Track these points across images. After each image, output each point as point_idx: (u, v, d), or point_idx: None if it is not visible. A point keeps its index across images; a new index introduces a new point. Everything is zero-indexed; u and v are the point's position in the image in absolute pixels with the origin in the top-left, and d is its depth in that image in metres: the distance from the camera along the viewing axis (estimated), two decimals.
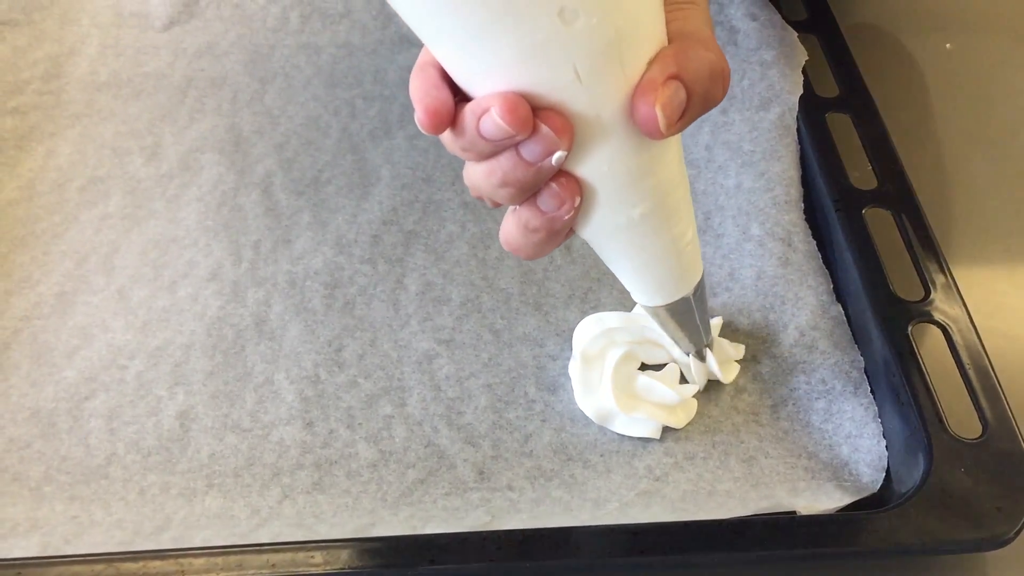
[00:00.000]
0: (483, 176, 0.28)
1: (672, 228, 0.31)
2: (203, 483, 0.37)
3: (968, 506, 0.33)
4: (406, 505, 0.36)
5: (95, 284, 0.43)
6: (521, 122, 0.25)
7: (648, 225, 0.30)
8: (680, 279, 0.33)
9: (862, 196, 0.43)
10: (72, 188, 0.48)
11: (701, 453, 0.37)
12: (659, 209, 0.29)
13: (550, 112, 0.26)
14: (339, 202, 0.47)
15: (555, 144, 0.26)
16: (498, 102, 0.25)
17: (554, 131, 0.26)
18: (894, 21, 0.58)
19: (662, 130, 0.26)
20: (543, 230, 0.29)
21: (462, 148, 0.27)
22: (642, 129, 0.26)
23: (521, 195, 0.28)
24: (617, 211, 0.29)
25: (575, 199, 0.28)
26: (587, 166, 0.28)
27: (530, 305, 0.43)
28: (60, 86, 0.52)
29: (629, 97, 0.26)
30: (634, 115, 0.26)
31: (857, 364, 0.39)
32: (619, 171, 0.28)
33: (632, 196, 0.29)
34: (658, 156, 0.28)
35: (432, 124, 0.26)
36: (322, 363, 0.41)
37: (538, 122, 0.26)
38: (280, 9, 0.56)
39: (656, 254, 0.31)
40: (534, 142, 0.26)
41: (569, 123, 0.26)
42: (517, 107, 0.25)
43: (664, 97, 0.26)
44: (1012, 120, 0.52)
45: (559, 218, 0.28)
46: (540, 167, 0.27)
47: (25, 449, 0.38)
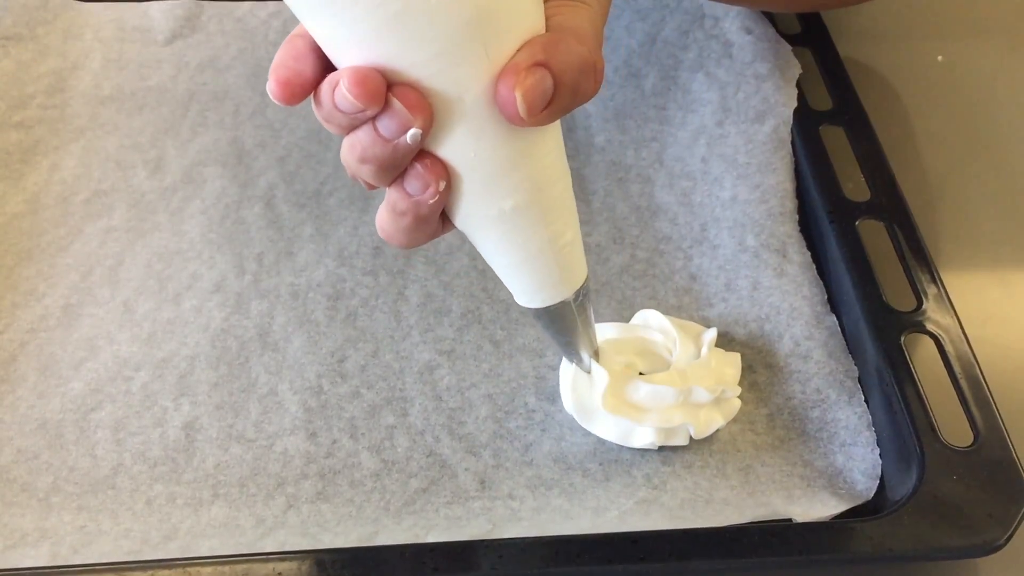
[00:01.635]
0: (347, 151, 0.27)
1: (548, 226, 0.30)
2: (209, 493, 0.37)
3: (960, 513, 0.33)
4: (409, 514, 0.37)
5: (100, 296, 0.44)
6: (369, 95, 0.25)
7: (522, 220, 0.29)
8: (559, 282, 0.32)
9: (855, 208, 0.44)
10: (77, 201, 0.48)
11: (698, 462, 0.38)
12: (533, 204, 0.29)
13: (404, 87, 0.25)
14: (341, 214, 0.48)
15: (408, 120, 0.26)
16: (348, 75, 0.25)
17: (407, 107, 0.25)
18: (887, 35, 0.59)
19: (522, 116, 0.26)
20: (410, 214, 0.28)
21: (324, 119, 0.27)
22: (503, 114, 0.26)
23: (383, 173, 0.28)
24: (487, 202, 0.29)
25: (439, 182, 0.28)
26: (452, 151, 0.27)
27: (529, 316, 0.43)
28: (64, 100, 0.53)
29: (494, 81, 0.26)
30: (496, 99, 0.26)
31: (851, 374, 0.40)
32: (486, 159, 0.27)
33: (501, 187, 0.28)
34: (529, 147, 0.28)
35: (282, 94, 0.26)
36: (325, 374, 0.41)
37: (391, 96, 0.25)
38: (281, 23, 0.57)
39: (531, 252, 0.31)
40: (388, 117, 0.26)
41: (424, 100, 0.26)
42: (366, 80, 0.25)
43: (527, 83, 0.25)
44: (1003, 132, 0.53)
45: (424, 202, 0.28)
46: (396, 144, 0.26)
47: (33, 460, 0.38)
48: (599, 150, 0.51)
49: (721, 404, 0.38)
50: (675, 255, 0.46)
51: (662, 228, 0.47)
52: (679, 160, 0.49)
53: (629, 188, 0.49)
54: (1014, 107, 0.55)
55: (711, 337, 0.40)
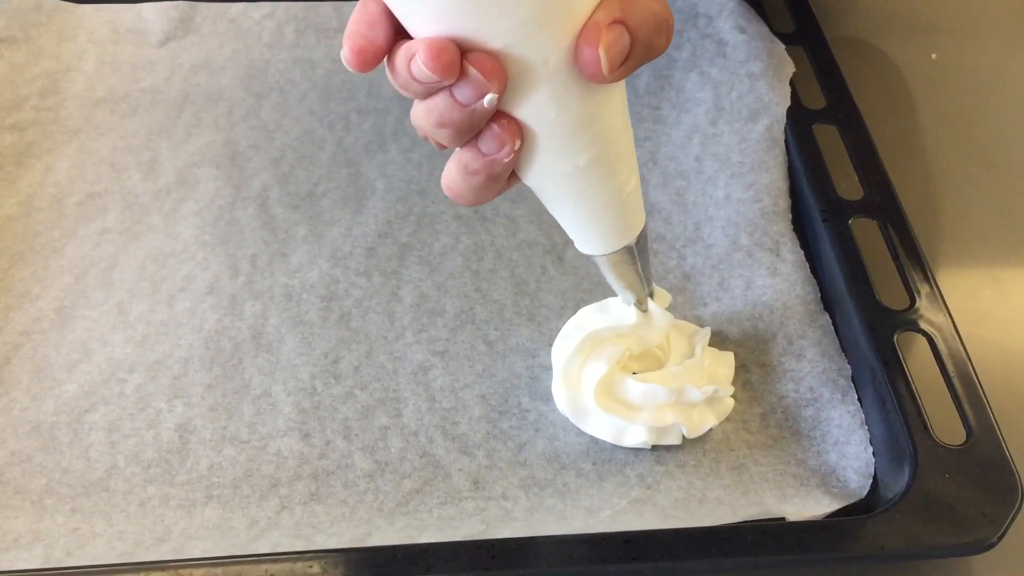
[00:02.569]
0: (422, 116, 0.28)
1: (616, 176, 0.31)
2: (202, 494, 0.37)
3: (953, 511, 0.34)
4: (402, 514, 0.37)
5: (94, 298, 0.44)
6: (445, 67, 0.25)
7: (593, 173, 0.30)
8: (624, 228, 0.33)
9: (849, 206, 0.44)
10: (70, 203, 0.48)
11: (692, 461, 0.38)
12: (604, 157, 0.30)
13: (480, 55, 0.26)
14: (334, 215, 0.48)
15: (485, 86, 0.26)
16: (423, 47, 0.25)
17: (484, 74, 0.26)
18: (880, 33, 0.59)
19: (604, 74, 0.26)
20: (483, 172, 0.29)
21: (400, 87, 0.27)
22: (584, 72, 0.26)
23: (459, 136, 0.28)
24: (562, 158, 0.29)
25: (515, 142, 0.28)
26: (531, 111, 0.27)
27: (523, 316, 0.43)
28: (58, 102, 0.53)
29: (574, 41, 0.26)
30: (578, 58, 0.26)
31: (844, 372, 0.40)
32: (565, 117, 0.28)
33: (578, 143, 0.29)
34: (603, 103, 0.28)
35: (357, 62, 0.27)
36: (319, 375, 0.41)
37: (467, 64, 0.25)
38: (275, 24, 0.57)
39: (600, 203, 0.31)
40: (464, 84, 0.26)
41: (500, 65, 0.26)
42: (441, 53, 0.25)
43: (608, 40, 0.26)
44: (996, 130, 0.53)
45: (499, 160, 0.28)
46: (473, 109, 0.26)
47: (26, 462, 0.38)
48: None
49: (714, 403, 0.38)
50: (669, 254, 0.46)
51: (656, 227, 0.47)
52: (673, 159, 0.49)
53: None
54: (1008, 105, 0.55)
55: (705, 337, 0.40)
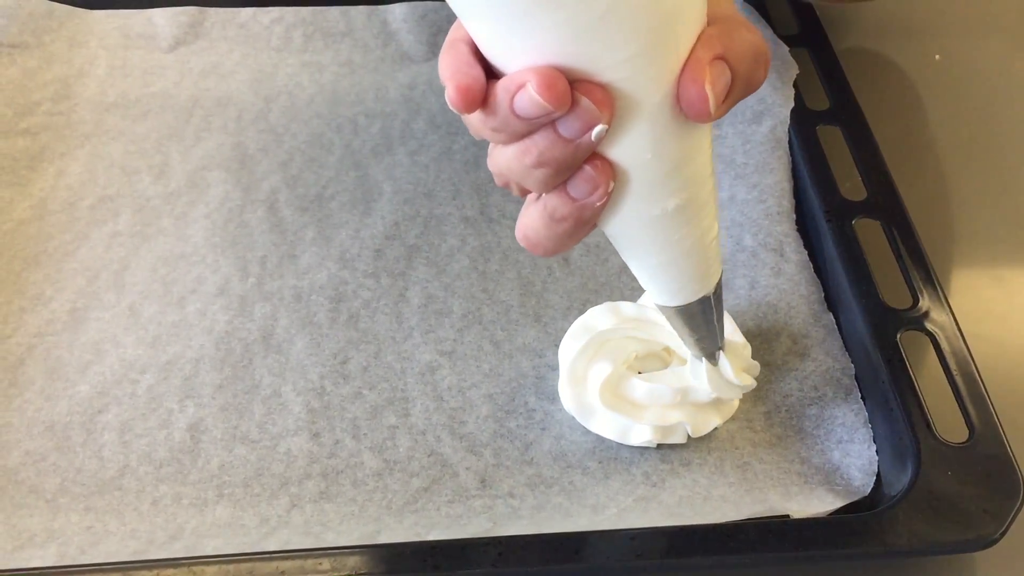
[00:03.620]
0: (515, 158, 0.26)
1: (702, 222, 0.29)
2: (214, 493, 0.38)
3: (955, 508, 0.34)
4: (410, 513, 0.37)
5: (106, 300, 0.45)
6: (559, 97, 0.24)
7: (681, 218, 0.28)
8: (704, 277, 0.32)
9: (852, 207, 0.44)
10: (83, 207, 0.49)
11: (696, 459, 0.38)
12: (692, 202, 0.28)
13: (589, 84, 0.24)
14: (343, 217, 0.48)
15: (596, 118, 0.25)
16: (534, 77, 0.24)
17: (595, 103, 0.24)
18: (883, 34, 0.59)
19: (711, 111, 0.25)
20: (571, 219, 0.27)
21: (493, 129, 0.26)
22: (689, 111, 0.25)
23: (556, 177, 0.26)
24: (652, 202, 0.28)
25: (609, 184, 0.27)
26: (627, 151, 0.26)
27: (530, 317, 0.44)
28: (70, 107, 0.54)
29: (676, 78, 0.25)
30: (681, 96, 0.25)
31: (848, 371, 0.40)
32: (661, 158, 0.26)
33: (669, 187, 0.27)
34: (697, 144, 0.27)
35: (464, 102, 0.25)
36: (328, 375, 0.42)
37: (577, 94, 0.24)
38: (283, 29, 0.58)
39: (685, 249, 0.30)
40: (573, 117, 0.25)
41: (610, 95, 0.24)
42: (555, 82, 0.24)
43: (712, 77, 0.25)
44: (1000, 131, 0.53)
45: (590, 205, 0.27)
46: (579, 144, 0.25)
47: (41, 462, 0.39)
48: None
49: (719, 403, 0.39)
50: None
51: None
52: None
53: None
54: (1011, 106, 0.55)
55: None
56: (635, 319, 0.40)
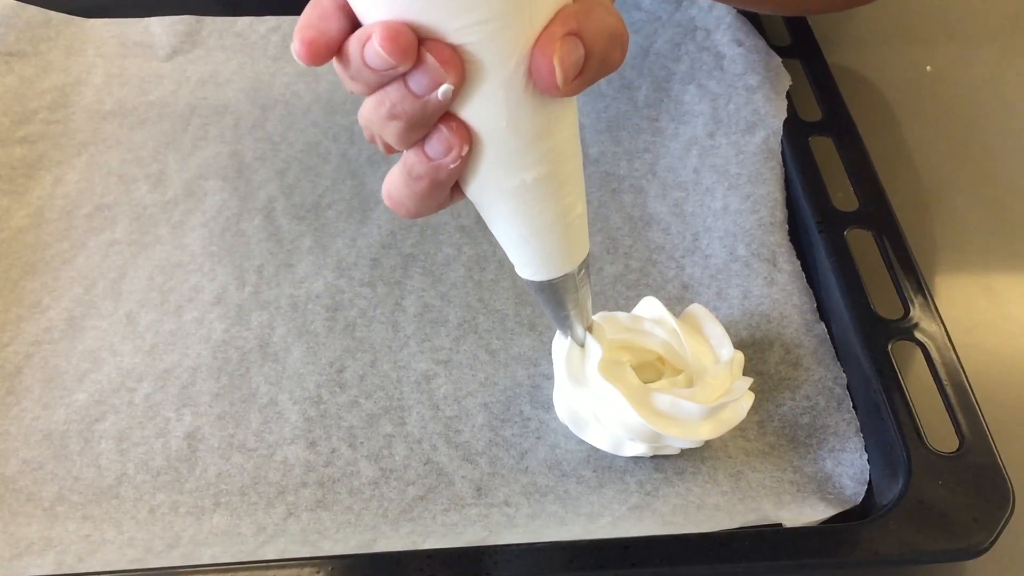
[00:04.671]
0: (372, 109, 0.27)
1: (563, 198, 0.30)
2: (211, 502, 0.38)
3: (946, 517, 0.34)
4: (407, 521, 0.37)
5: (104, 309, 0.45)
6: (402, 51, 0.25)
7: (539, 192, 0.29)
8: (566, 254, 0.32)
9: (844, 217, 0.45)
10: (80, 215, 0.49)
11: (690, 468, 0.39)
12: (552, 177, 0.29)
13: (437, 43, 0.25)
14: (339, 226, 0.49)
15: (441, 76, 0.25)
16: (379, 29, 0.25)
17: (440, 63, 0.25)
18: (875, 46, 0.59)
19: (559, 85, 0.26)
20: (427, 178, 0.28)
21: (351, 78, 0.27)
22: (539, 83, 0.26)
23: (410, 132, 0.27)
24: (509, 172, 0.28)
25: (463, 146, 0.27)
26: (482, 117, 0.27)
27: (525, 326, 0.44)
28: (67, 115, 0.54)
29: (530, 49, 0.26)
30: (532, 68, 0.26)
31: (840, 381, 0.40)
32: (516, 128, 0.27)
33: (526, 158, 0.28)
34: (556, 119, 0.28)
35: (307, 54, 0.26)
36: (324, 384, 0.42)
37: (424, 52, 0.25)
38: (280, 38, 0.58)
39: (545, 224, 0.30)
40: (420, 73, 0.25)
41: (457, 56, 0.25)
42: (398, 35, 0.24)
43: (562, 52, 0.25)
44: (990, 141, 0.54)
45: (444, 166, 0.28)
46: (427, 100, 0.26)
47: (38, 470, 0.39)
48: (593, 161, 0.51)
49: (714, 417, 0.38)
50: (668, 265, 0.46)
51: (655, 238, 0.48)
52: (671, 171, 0.50)
53: (622, 198, 0.50)
54: (1001, 117, 0.55)
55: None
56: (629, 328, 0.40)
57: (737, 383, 0.38)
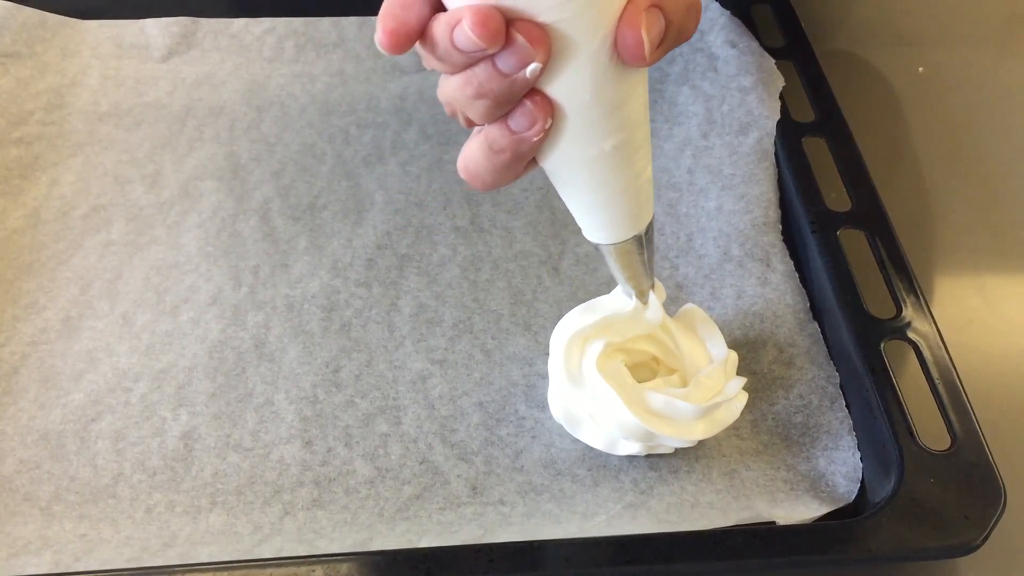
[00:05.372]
0: (458, 88, 0.27)
1: (636, 163, 0.31)
2: (207, 501, 0.38)
3: (938, 515, 0.35)
4: (402, 520, 0.38)
5: (100, 309, 0.45)
6: (492, 35, 0.25)
7: (616, 159, 0.30)
8: (636, 217, 0.33)
9: (837, 217, 0.45)
10: (76, 216, 0.49)
11: (684, 467, 0.39)
12: (628, 143, 0.30)
13: (525, 22, 0.26)
14: (335, 227, 0.49)
15: (530, 55, 0.26)
16: (469, 14, 0.25)
17: (529, 42, 0.26)
18: (868, 47, 0.60)
19: (645, 56, 0.26)
20: (509, 151, 0.29)
21: (437, 59, 0.27)
22: (625, 55, 0.26)
23: (496, 108, 0.28)
24: (589, 142, 0.29)
25: (547, 119, 0.28)
26: (565, 90, 0.27)
27: (520, 326, 0.44)
28: (63, 116, 0.54)
29: (614, 23, 0.26)
30: (619, 41, 0.26)
31: (833, 380, 0.41)
32: (599, 99, 0.28)
33: (606, 127, 0.29)
34: (634, 87, 0.28)
35: (390, 44, 0.26)
36: (320, 384, 0.42)
37: (513, 32, 0.25)
38: (275, 39, 0.58)
39: (618, 189, 0.31)
40: (508, 53, 0.26)
41: (545, 34, 0.26)
42: (488, 19, 0.25)
43: (648, 23, 0.26)
44: (981, 141, 0.54)
45: (528, 139, 0.28)
46: (515, 79, 0.26)
47: (35, 470, 0.39)
48: None
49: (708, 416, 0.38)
50: (662, 264, 0.47)
51: None
52: (665, 171, 0.50)
53: None
54: (992, 117, 0.56)
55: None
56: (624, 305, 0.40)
57: (731, 383, 0.39)
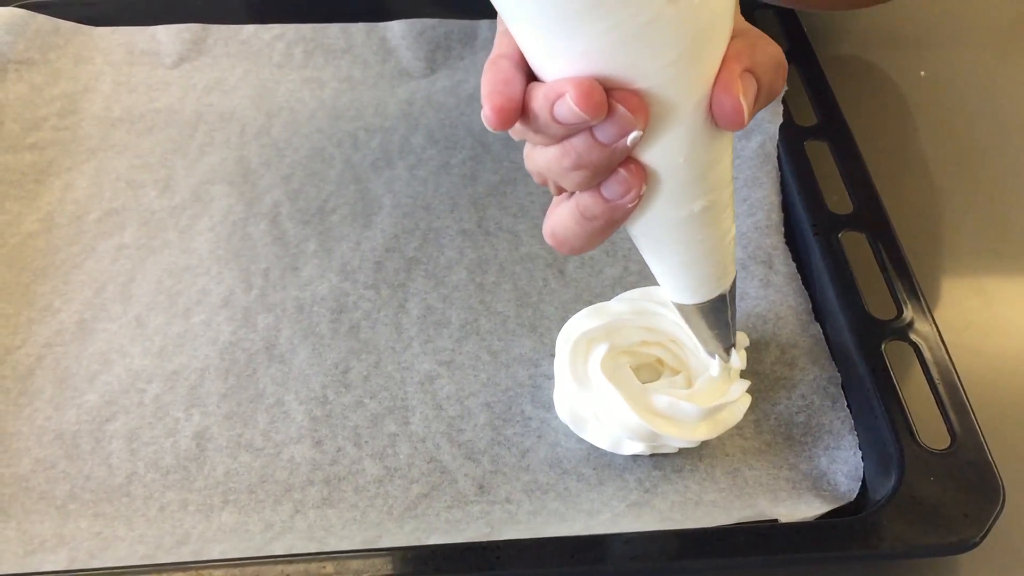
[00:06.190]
0: (554, 160, 0.27)
1: (722, 223, 0.31)
2: (219, 499, 0.39)
3: (938, 513, 0.35)
4: (411, 518, 0.38)
5: (113, 312, 0.46)
6: (596, 107, 0.25)
7: (705, 219, 0.30)
8: (721, 276, 0.33)
9: (839, 220, 0.45)
10: (89, 220, 0.50)
11: (688, 466, 0.40)
12: (716, 203, 0.30)
13: (626, 92, 0.25)
14: (343, 231, 0.49)
15: (631, 124, 0.26)
16: (572, 88, 0.25)
17: (630, 111, 0.26)
18: (870, 52, 0.60)
19: (744, 122, 0.26)
20: (602, 219, 0.29)
21: (534, 131, 0.27)
22: (723, 120, 0.26)
23: (593, 178, 0.28)
24: (681, 205, 0.29)
25: (641, 186, 0.28)
26: (660, 155, 0.27)
27: (526, 327, 0.45)
28: (76, 122, 0.55)
29: (709, 86, 0.26)
30: (715, 105, 0.26)
31: (834, 380, 0.41)
32: (691, 162, 0.28)
33: (698, 189, 0.29)
34: (724, 148, 0.28)
35: (498, 121, 0.26)
36: (329, 384, 0.43)
37: (614, 103, 0.25)
38: (285, 45, 0.59)
39: (707, 250, 0.31)
40: (610, 123, 0.26)
41: (644, 102, 0.26)
42: (592, 92, 0.25)
43: (744, 88, 0.26)
44: (982, 145, 0.55)
45: (622, 206, 0.28)
46: (615, 148, 0.26)
47: (50, 469, 0.40)
48: None
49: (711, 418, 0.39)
50: None
51: None
52: None
53: None
54: (995, 120, 0.56)
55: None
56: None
57: (735, 385, 0.39)
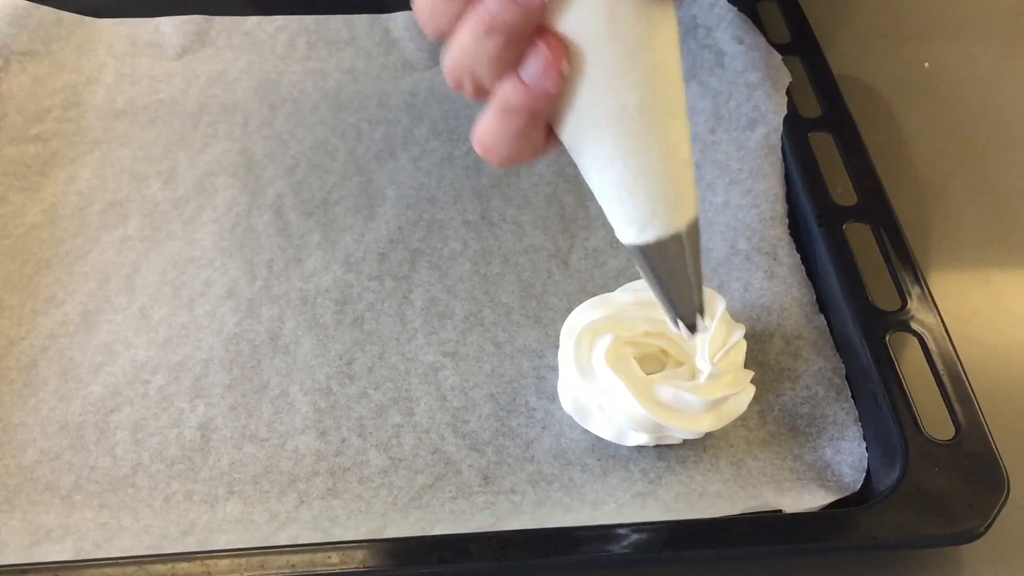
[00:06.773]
0: (468, 34, 0.26)
1: (668, 133, 0.27)
2: (224, 490, 0.39)
3: (942, 503, 0.35)
4: (415, 508, 0.38)
5: (117, 303, 0.46)
6: None
7: (643, 121, 0.27)
8: (674, 207, 0.29)
9: (843, 212, 0.45)
10: (93, 211, 0.50)
11: (692, 457, 0.40)
12: (655, 103, 0.27)
13: None
14: (347, 222, 0.49)
15: None
16: None
17: None
18: (874, 43, 0.60)
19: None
20: (524, 111, 0.26)
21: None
22: None
23: (508, 48, 0.26)
24: (609, 92, 0.26)
25: (560, 61, 0.26)
26: (580, 22, 0.25)
27: (530, 318, 0.45)
28: (79, 114, 0.55)
29: None
30: None
31: (839, 371, 0.41)
32: (617, 34, 0.25)
33: (628, 75, 0.26)
34: (657, 28, 0.26)
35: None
36: (334, 376, 0.43)
37: None
38: (288, 37, 0.59)
39: (650, 162, 0.28)
40: None
41: None
42: None
43: None
44: (985, 137, 0.55)
45: (544, 90, 0.26)
46: (528, 5, 0.25)
47: (56, 460, 0.40)
48: None
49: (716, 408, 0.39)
50: None
51: None
52: None
53: None
54: (998, 112, 0.56)
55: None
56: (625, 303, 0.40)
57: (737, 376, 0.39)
